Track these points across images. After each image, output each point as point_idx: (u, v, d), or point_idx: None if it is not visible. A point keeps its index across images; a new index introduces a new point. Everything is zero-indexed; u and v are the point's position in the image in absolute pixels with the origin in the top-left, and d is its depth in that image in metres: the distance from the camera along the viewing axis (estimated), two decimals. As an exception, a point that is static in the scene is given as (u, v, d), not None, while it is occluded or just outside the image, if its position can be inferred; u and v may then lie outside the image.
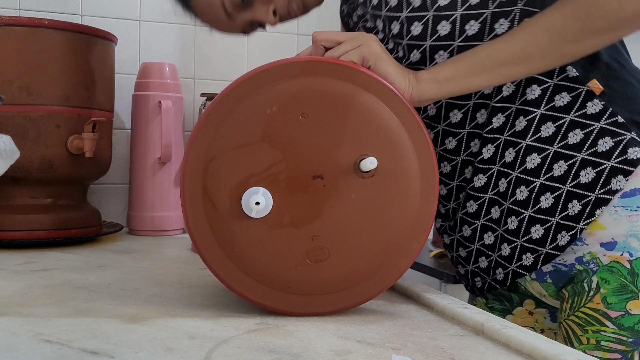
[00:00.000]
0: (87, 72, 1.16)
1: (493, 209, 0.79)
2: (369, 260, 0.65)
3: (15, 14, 1.37)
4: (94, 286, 0.79)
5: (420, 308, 0.71)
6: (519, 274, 0.78)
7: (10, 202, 1.12)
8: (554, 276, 0.78)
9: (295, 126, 0.63)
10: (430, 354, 0.54)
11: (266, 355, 0.53)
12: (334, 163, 0.63)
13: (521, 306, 0.86)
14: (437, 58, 0.75)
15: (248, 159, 0.62)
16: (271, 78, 0.63)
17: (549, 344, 0.54)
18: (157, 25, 1.48)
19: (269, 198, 0.62)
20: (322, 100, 0.63)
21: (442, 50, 0.75)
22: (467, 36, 0.73)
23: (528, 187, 0.75)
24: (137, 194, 1.32)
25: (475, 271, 0.84)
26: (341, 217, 0.64)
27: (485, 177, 0.79)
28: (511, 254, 0.78)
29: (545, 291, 0.80)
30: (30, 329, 0.59)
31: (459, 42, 0.73)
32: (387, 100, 0.65)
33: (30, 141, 1.10)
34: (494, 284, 0.82)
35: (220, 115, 0.63)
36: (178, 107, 1.34)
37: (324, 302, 0.65)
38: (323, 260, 0.64)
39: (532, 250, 0.76)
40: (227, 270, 0.64)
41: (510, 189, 0.77)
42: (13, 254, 1.02)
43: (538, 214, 0.75)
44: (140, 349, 0.54)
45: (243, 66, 1.54)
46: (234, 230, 0.63)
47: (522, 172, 0.76)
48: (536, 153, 0.75)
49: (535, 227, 0.75)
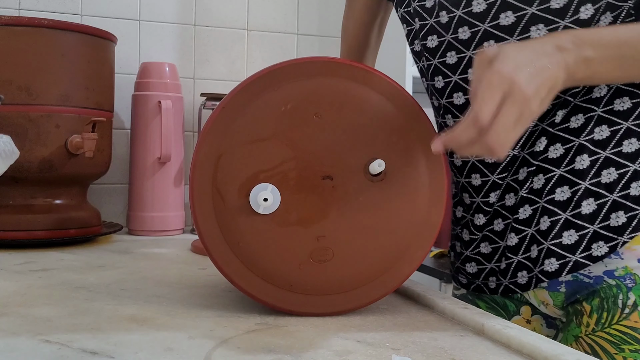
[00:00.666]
0: (86, 72, 1.16)
1: (523, 208, 0.74)
2: (373, 264, 0.65)
3: (15, 14, 1.37)
4: (93, 286, 0.79)
5: (420, 308, 0.71)
6: (540, 280, 0.74)
7: (10, 202, 1.12)
8: (570, 286, 0.73)
9: (308, 125, 0.63)
10: (431, 354, 0.54)
11: (266, 355, 0.52)
12: (345, 164, 0.63)
13: (518, 314, 0.81)
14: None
15: (259, 155, 0.62)
16: (288, 76, 0.63)
17: (550, 344, 0.54)
18: (157, 25, 1.48)
19: (277, 195, 0.62)
20: (336, 101, 0.63)
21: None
22: (549, 8, 0.68)
23: (572, 188, 0.71)
24: (136, 194, 1.32)
25: (494, 270, 0.79)
26: (348, 219, 0.64)
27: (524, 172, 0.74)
28: (537, 256, 0.73)
29: (552, 300, 0.76)
30: (30, 329, 0.59)
31: (534, 8, 0.69)
32: (401, 106, 0.65)
33: (30, 141, 1.10)
34: (513, 287, 0.77)
35: (235, 109, 0.63)
36: (178, 107, 1.34)
37: (325, 303, 0.65)
38: (327, 261, 0.64)
39: (559, 256, 0.72)
40: (230, 264, 0.64)
41: (548, 187, 0.72)
42: (13, 254, 1.02)
43: (576, 219, 0.71)
44: (140, 349, 0.54)
45: (243, 66, 1.54)
46: (241, 224, 0.63)
47: (568, 172, 0.71)
48: (587, 154, 0.70)
49: (569, 232, 0.71)
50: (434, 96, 0.81)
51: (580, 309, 0.73)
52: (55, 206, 1.15)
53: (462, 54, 0.74)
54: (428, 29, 0.78)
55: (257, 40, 1.55)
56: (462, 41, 0.74)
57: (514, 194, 0.75)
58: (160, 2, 1.47)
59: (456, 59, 0.75)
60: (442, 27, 0.76)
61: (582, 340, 0.73)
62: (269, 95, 0.63)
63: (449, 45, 0.76)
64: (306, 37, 1.59)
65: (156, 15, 1.47)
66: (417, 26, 0.79)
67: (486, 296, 0.83)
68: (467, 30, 0.73)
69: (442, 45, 0.76)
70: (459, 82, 0.76)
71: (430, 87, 0.80)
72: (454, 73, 0.76)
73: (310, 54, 1.59)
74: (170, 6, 1.48)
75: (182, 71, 1.47)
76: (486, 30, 0.71)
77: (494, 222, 0.78)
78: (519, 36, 0.69)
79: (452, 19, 0.74)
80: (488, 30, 0.71)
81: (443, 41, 0.76)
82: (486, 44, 0.71)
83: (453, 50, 0.75)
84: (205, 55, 1.52)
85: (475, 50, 0.72)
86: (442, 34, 0.76)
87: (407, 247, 0.65)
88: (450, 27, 0.75)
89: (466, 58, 0.74)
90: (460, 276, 0.86)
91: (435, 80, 0.79)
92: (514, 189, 0.75)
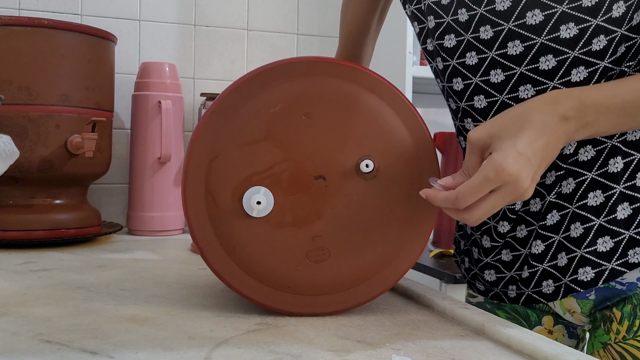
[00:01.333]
0: (86, 72, 1.16)
1: (550, 214, 0.71)
2: (369, 262, 0.65)
3: (15, 14, 1.37)
4: (93, 286, 0.79)
5: (420, 308, 0.71)
6: (572, 290, 0.71)
7: (10, 202, 1.12)
8: (600, 293, 0.71)
9: (299, 126, 0.63)
10: (431, 354, 0.54)
11: (266, 355, 0.52)
12: (337, 164, 0.63)
13: (540, 325, 0.78)
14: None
15: (251, 158, 0.62)
16: (276, 77, 0.63)
17: (550, 344, 0.54)
18: (157, 25, 1.48)
19: (270, 198, 0.62)
20: (326, 100, 0.63)
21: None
22: (580, 6, 0.65)
23: (605, 192, 0.68)
24: (136, 194, 1.32)
25: (514, 278, 0.76)
26: (342, 218, 0.64)
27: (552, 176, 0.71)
28: (567, 265, 0.70)
29: (579, 308, 0.73)
30: (30, 329, 0.59)
31: (565, 7, 0.65)
32: (392, 102, 0.65)
33: (30, 141, 1.10)
34: (537, 297, 0.74)
35: (225, 112, 0.63)
36: (178, 107, 1.34)
37: (324, 302, 0.65)
38: (323, 261, 0.64)
39: (594, 264, 0.68)
40: (226, 268, 0.64)
41: (579, 192, 0.69)
42: (13, 254, 1.02)
43: (610, 225, 0.68)
44: (140, 349, 0.54)
45: (243, 66, 1.54)
46: (235, 228, 0.63)
47: (601, 175, 0.68)
48: (620, 156, 0.68)
49: (604, 238, 0.68)
50: (451, 98, 0.77)
51: (610, 315, 0.71)
52: (55, 206, 1.15)
53: (483, 54, 0.70)
54: (445, 27, 0.73)
55: (257, 40, 1.55)
56: (483, 41, 0.69)
57: (539, 199, 0.72)
58: (160, 2, 1.47)
59: (477, 59, 0.71)
60: (460, 26, 0.71)
61: (611, 348, 0.70)
62: (258, 98, 0.63)
63: (468, 45, 0.71)
64: (306, 37, 1.59)
65: (156, 15, 1.47)
66: (431, 24, 0.75)
67: (506, 305, 0.80)
68: (490, 30, 0.68)
69: (461, 45, 0.72)
70: (480, 84, 0.71)
71: (447, 89, 0.76)
72: (474, 75, 0.71)
73: (310, 53, 1.59)
74: (170, 6, 1.48)
75: (182, 71, 1.47)
76: (511, 29, 0.67)
77: (517, 229, 0.75)
78: (547, 36, 0.65)
79: (473, 17, 0.70)
80: (513, 30, 0.67)
81: (462, 41, 0.72)
82: (510, 44, 0.68)
83: (473, 50, 0.70)
84: (205, 55, 1.52)
85: (498, 51, 0.68)
86: (460, 33, 0.71)
87: (403, 244, 0.65)
88: (471, 26, 0.70)
89: (488, 59, 0.70)
90: (477, 283, 0.82)
91: (453, 82, 0.74)
92: (540, 193, 0.72)
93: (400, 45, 1.48)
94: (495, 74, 0.69)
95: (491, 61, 0.70)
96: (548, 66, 0.66)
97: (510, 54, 0.68)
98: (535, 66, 0.67)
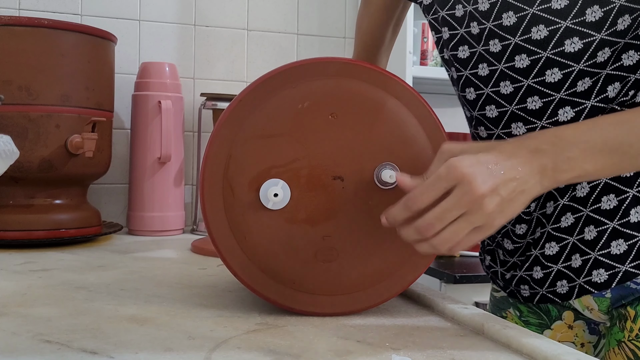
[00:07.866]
0: (86, 72, 1.16)
1: (564, 216, 0.72)
2: (376, 268, 0.65)
3: (15, 14, 1.37)
4: (93, 286, 0.79)
5: (420, 308, 0.71)
6: (587, 291, 0.72)
7: (10, 202, 1.12)
8: (616, 292, 0.72)
9: (324, 125, 0.63)
10: (430, 354, 0.54)
11: (266, 355, 0.53)
12: (356, 167, 0.63)
13: (560, 320, 0.79)
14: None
15: (272, 150, 0.63)
16: (307, 74, 0.63)
17: (549, 344, 0.54)
18: (157, 25, 1.48)
19: (287, 191, 0.62)
20: (353, 103, 0.64)
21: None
22: (584, 22, 0.65)
23: (619, 196, 0.69)
24: (136, 194, 1.32)
25: (524, 278, 0.77)
26: (355, 221, 0.64)
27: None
28: (582, 266, 0.71)
29: (597, 306, 0.74)
30: (30, 329, 0.59)
31: (568, 22, 0.66)
32: (417, 113, 0.65)
33: (30, 141, 1.10)
34: (552, 296, 0.75)
35: (251, 103, 0.63)
36: (178, 107, 1.34)
37: (327, 303, 0.65)
38: (331, 261, 0.64)
39: (608, 267, 0.70)
40: (234, 257, 0.64)
41: (593, 195, 0.70)
42: (13, 254, 1.02)
43: (624, 228, 0.69)
44: (140, 349, 0.54)
45: (243, 66, 1.54)
46: (249, 218, 0.63)
47: (614, 179, 0.69)
48: None
49: (618, 241, 0.69)
50: (465, 107, 0.79)
51: (625, 313, 0.72)
52: (55, 206, 1.15)
53: (493, 66, 0.72)
54: (459, 39, 0.75)
55: (257, 40, 1.55)
56: (493, 54, 0.71)
57: (553, 202, 0.73)
58: (160, 2, 1.47)
59: (488, 71, 0.73)
60: (473, 38, 0.73)
61: (625, 345, 0.71)
62: (286, 92, 0.63)
63: (480, 57, 0.73)
64: (306, 37, 1.59)
65: (156, 15, 1.47)
66: (445, 35, 0.77)
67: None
68: (498, 43, 0.70)
69: (474, 57, 0.74)
70: (491, 94, 0.73)
71: (462, 97, 0.79)
72: (486, 85, 0.73)
73: (310, 54, 1.59)
74: (170, 6, 1.48)
75: (182, 71, 1.47)
76: (517, 44, 0.69)
77: (536, 231, 0.76)
78: (553, 50, 0.67)
79: (483, 31, 0.72)
80: (519, 44, 0.69)
81: (475, 52, 0.74)
82: (517, 57, 0.69)
83: (485, 62, 0.73)
84: (205, 55, 1.52)
85: (507, 64, 0.70)
86: (473, 45, 0.73)
87: (411, 254, 0.65)
88: (482, 39, 0.72)
89: (498, 71, 0.72)
90: (498, 280, 0.84)
91: (466, 91, 0.77)
92: (554, 196, 0.73)
93: (401, 45, 1.48)
94: (505, 86, 0.71)
95: (501, 73, 0.72)
96: (554, 79, 0.68)
97: (518, 67, 0.69)
98: (542, 79, 0.68)
